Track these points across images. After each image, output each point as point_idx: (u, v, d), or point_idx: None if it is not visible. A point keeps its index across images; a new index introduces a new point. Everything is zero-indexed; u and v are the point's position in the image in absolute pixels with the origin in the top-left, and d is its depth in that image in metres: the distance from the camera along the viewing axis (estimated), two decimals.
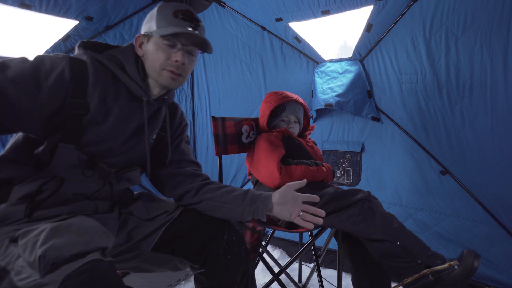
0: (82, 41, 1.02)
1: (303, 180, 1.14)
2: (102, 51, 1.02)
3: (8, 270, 0.76)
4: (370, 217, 1.36)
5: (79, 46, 1.00)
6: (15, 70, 0.82)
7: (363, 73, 2.28)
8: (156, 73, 1.01)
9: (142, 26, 1.06)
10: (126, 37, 2.47)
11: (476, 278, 1.93)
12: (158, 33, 0.97)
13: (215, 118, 1.72)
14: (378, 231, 1.33)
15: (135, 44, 1.04)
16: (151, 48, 1.00)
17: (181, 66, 1.01)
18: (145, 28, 1.03)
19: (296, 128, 1.83)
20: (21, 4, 1.91)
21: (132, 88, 1.00)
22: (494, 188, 1.91)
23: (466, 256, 1.19)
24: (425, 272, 1.18)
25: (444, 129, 2.04)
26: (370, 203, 1.41)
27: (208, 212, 1.11)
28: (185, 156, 1.20)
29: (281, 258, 2.48)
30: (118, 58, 1.01)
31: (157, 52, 0.99)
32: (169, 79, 1.01)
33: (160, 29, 0.98)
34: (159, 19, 0.99)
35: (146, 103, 1.04)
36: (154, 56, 0.99)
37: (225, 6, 2.61)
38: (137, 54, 1.04)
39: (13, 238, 0.79)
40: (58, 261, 0.69)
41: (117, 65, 0.99)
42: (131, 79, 1.00)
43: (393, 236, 1.32)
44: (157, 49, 0.99)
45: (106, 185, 1.01)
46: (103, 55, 0.99)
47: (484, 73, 1.82)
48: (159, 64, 0.99)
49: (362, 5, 2.03)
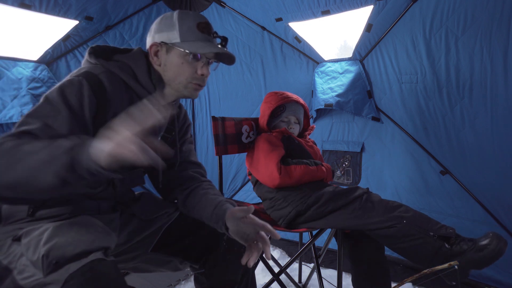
0: (92, 47, 0.99)
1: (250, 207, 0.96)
2: (111, 55, 1.00)
3: (11, 269, 0.76)
4: (370, 208, 1.37)
5: (90, 53, 0.97)
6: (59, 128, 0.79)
7: (363, 73, 2.28)
8: (181, 86, 1.01)
9: (154, 32, 1.01)
10: (126, 37, 2.47)
11: (476, 278, 1.93)
12: (189, 49, 0.96)
13: (215, 118, 1.72)
14: (382, 218, 1.32)
15: (149, 52, 1.01)
16: (174, 61, 0.98)
17: (204, 78, 1.02)
18: (163, 36, 0.99)
19: (296, 128, 1.83)
20: (21, 4, 1.91)
21: (143, 96, 0.98)
22: (494, 188, 1.91)
23: (493, 238, 1.17)
24: (425, 272, 1.18)
25: (444, 129, 2.04)
26: (368, 195, 1.43)
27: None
28: (187, 157, 1.20)
29: (281, 258, 2.48)
30: (129, 66, 0.98)
31: (182, 66, 0.98)
32: (193, 91, 1.02)
33: (187, 42, 0.97)
34: (183, 31, 0.97)
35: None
36: (180, 70, 0.99)
37: (225, 6, 2.61)
38: (149, 61, 1.01)
39: (16, 237, 0.80)
40: (61, 260, 0.69)
41: (129, 74, 0.97)
42: (143, 88, 0.99)
43: (398, 217, 1.30)
44: (183, 63, 0.98)
45: (110, 186, 1.01)
46: (115, 63, 0.97)
47: (484, 73, 1.82)
48: (186, 78, 0.99)
49: (362, 5, 2.03)
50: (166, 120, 1.13)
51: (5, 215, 0.86)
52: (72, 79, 0.86)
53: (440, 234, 1.25)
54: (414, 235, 1.27)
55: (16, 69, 2.04)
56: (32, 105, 2.03)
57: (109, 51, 1.01)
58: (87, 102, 0.84)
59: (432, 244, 1.24)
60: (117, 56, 1.00)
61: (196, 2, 2.65)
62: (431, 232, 1.26)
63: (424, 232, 1.26)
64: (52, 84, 2.15)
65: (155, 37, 1.00)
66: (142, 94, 0.98)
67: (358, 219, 1.37)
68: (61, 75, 2.28)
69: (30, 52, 2.15)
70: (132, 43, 2.48)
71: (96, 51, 0.98)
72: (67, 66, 2.30)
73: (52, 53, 2.21)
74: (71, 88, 0.83)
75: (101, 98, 0.87)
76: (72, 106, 0.82)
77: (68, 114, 0.81)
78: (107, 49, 1.01)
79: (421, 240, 1.26)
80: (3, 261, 0.78)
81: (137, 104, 0.94)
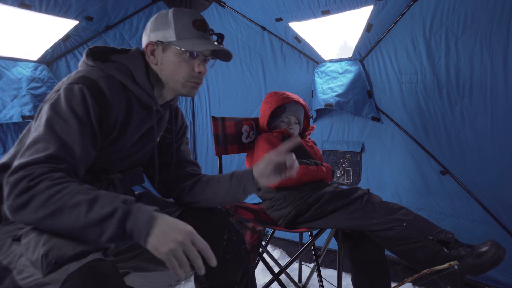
0: (90, 48, 0.98)
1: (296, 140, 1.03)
2: (109, 56, 0.99)
3: (10, 269, 0.76)
4: (371, 209, 1.37)
5: (88, 55, 0.96)
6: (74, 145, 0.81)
7: (363, 73, 2.28)
8: (179, 84, 1.01)
9: (149, 31, 1.01)
10: (126, 37, 2.47)
11: (476, 278, 1.93)
12: (185, 47, 0.95)
13: (215, 118, 1.72)
14: (382, 220, 1.33)
15: (145, 51, 1.00)
16: (171, 59, 0.98)
17: (201, 76, 1.02)
18: (159, 35, 0.98)
19: (296, 129, 1.83)
20: (21, 4, 1.91)
21: (142, 98, 0.98)
22: (494, 188, 1.91)
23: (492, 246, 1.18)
24: (425, 272, 1.18)
25: (444, 129, 2.04)
26: (369, 196, 1.43)
27: (207, 205, 1.12)
28: (185, 157, 1.21)
29: (281, 258, 2.48)
30: (126, 67, 0.98)
31: (179, 64, 0.98)
32: (191, 89, 1.02)
33: (183, 40, 0.96)
34: (178, 29, 0.96)
35: (155, 111, 1.04)
36: (177, 68, 0.98)
37: (225, 6, 2.61)
38: (147, 61, 1.01)
39: (16, 237, 0.80)
40: (61, 260, 0.69)
41: (127, 75, 0.96)
42: (141, 89, 0.98)
43: (399, 220, 1.31)
44: (180, 61, 0.97)
45: (110, 185, 1.01)
46: (113, 65, 0.96)
47: (484, 73, 1.82)
48: (183, 76, 0.99)
49: (362, 5, 2.03)
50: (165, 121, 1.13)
51: (6, 215, 0.86)
52: (73, 88, 0.85)
53: (439, 239, 1.25)
54: (413, 238, 1.27)
55: (16, 69, 2.05)
56: (32, 105, 2.03)
57: (107, 52, 1.00)
58: (92, 111, 0.85)
59: (431, 248, 1.24)
60: (115, 56, 0.99)
61: (196, 2, 2.65)
62: (430, 236, 1.26)
63: (424, 235, 1.26)
64: (52, 84, 2.15)
65: (151, 36, 1.00)
66: (140, 95, 0.98)
67: (358, 220, 1.38)
68: (61, 75, 2.28)
69: (30, 52, 2.15)
70: (132, 43, 2.48)
71: (94, 52, 0.97)
72: (67, 66, 2.30)
73: (52, 53, 2.22)
74: (76, 99, 0.84)
75: (102, 104, 0.88)
76: (81, 117, 0.83)
77: (79, 127, 0.82)
78: (105, 50, 1.01)
79: (420, 244, 1.26)
80: (3, 261, 0.78)
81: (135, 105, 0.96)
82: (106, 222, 0.70)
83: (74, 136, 0.81)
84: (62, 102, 0.83)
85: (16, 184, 0.72)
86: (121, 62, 0.98)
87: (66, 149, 0.79)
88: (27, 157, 0.75)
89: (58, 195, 0.71)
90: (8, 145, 2.04)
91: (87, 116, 0.84)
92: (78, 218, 0.70)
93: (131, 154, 1.04)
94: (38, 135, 0.79)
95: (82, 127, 0.83)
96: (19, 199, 0.71)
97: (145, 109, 1.01)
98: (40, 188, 0.71)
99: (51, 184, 0.72)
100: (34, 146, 0.77)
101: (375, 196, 1.45)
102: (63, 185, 0.73)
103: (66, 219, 0.70)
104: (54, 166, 0.76)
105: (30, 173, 0.72)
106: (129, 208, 0.73)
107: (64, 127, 0.81)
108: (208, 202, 1.11)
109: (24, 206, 0.71)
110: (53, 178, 0.73)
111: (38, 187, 0.71)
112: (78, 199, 0.71)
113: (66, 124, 0.81)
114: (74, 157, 0.81)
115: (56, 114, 0.82)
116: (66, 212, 0.70)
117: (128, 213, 0.72)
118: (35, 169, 0.73)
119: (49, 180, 0.72)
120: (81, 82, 0.86)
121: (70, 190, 0.72)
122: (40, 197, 0.71)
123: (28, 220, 0.72)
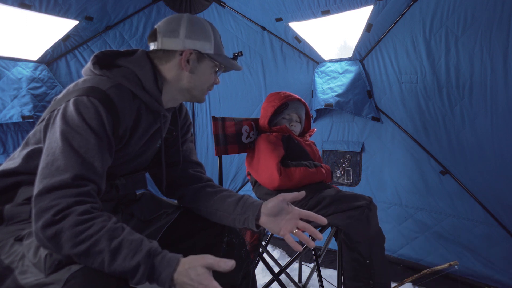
0: (96, 55, 0.95)
1: (301, 192, 0.99)
2: (114, 60, 0.97)
3: (12, 269, 0.76)
4: (364, 225, 1.45)
5: (94, 63, 0.94)
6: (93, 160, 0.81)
7: (363, 73, 2.28)
8: (201, 92, 1.06)
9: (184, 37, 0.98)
10: (126, 37, 2.47)
11: (476, 278, 1.93)
12: (224, 63, 1.04)
13: (215, 118, 1.72)
14: (364, 241, 1.43)
15: (182, 57, 0.98)
16: (204, 70, 1.03)
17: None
18: (197, 45, 0.99)
19: (297, 127, 1.84)
20: (21, 4, 1.91)
21: (150, 104, 0.97)
22: (494, 188, 1.91)
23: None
24: (425, 272, 1.18)
25: (444, 129, 2.04)
26: (370, 212, 1.48)
27: (204, 216, 1.11)
28: (188, 157, 1.20)
29: (281, 258, 2.48)
30: (134, 73, 0.95)
31: (210, 75, 1.05)
32: (204, 96, 1.09)
33: (220, 56, 1.04)
34: (216, 43, 1.03)
35: (162, 116, 1.04)
36: (207, 79, 1.05)
37: (225, 6, 2.61)
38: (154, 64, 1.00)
39: (19, 237, 0.80)
40: (64, 260, 0.70)
41: (135, 83, 0.95)
42: (150, 96, 0.97)
43: (370, 253, 1.43)
44: (211, 73, 1.05)
45: (113, 189, 1.00)
46: (120, 72, 0.94)
47: (484, 73, 1.82)
48: (207, 86, 1.06)
49: (362, 5, 2.03)
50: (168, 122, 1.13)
51: (8, 215, 0.86)
52: (84, 101, 0.83)
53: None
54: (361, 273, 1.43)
55: (16, 69, 2.05)
56: (32, 105, 2.03)
57: (113, 56, 0.98)
58: (106, 123, 0.84)
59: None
60: (121, 60, 0.97)
61: (196, 2, 2.65)
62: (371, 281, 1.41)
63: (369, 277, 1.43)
64: (52, 84, 2.15)
65: (187, 42, 0.98)
66: (149, 102, 0.97)
67: (349, 228, 1.47)
68: (61, 75, 2.28)
69: (30, 52, 2.15)
70: (132, 43, 2.48)
71: (100, 59, 0.95)
72: (67, 66, 2.30)
73: (52, 53, 2.22)
74: (89, 112, 0.82)
75: (114, 116, 0.87)
76: (97, 131, 0.82)
77: (96, 141, 0.82)
78: (111, 55, 0.98)
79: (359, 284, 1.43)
80: (5, 261, 0.78)
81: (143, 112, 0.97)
82: (130, 274, 0.71)
83: (94, 151, 0.80)
84: (74, 116, 0.81)
85: (42, 213, 0.71)
86: (128, 67, 0.95)
87: (88, 166, 0.79)
88: (51, 177, 0.74)
89: (83, 236, 0.70)
90: (8, 145, 2.04)
91: (103, 129, 0.83)
92: (102, 266, 0.70)
93: (136, 157, 1.04)
94: (56, 151, 0.78)
95: (99, 141, 0.82)
96: (45, 231, 0.70)
97: (152, 114, 1.01)
98: (65, 225, 0.70)
99: (76, 221, 0.71)
100: (54, 164, 0.76)
101: (374, 215, 1.52)
102: (88, 224, 0.72)
103: (90, 263, 0.71)
104: (80, 192, 0.75)
105: (56, 204, 0.72)
106: (152, 263, 0.73)
107: (82, 142, 0.79)
108: (207, 215, 1.09)
109: (49, 239, 0.70)
110: (78, 212, 0.72)
111: (63, 223, 0.70)
112: (102, 246, 0.71)
113: (83, 139, 0.80)
114: (96, 173, 0.80)
115: (71, 128, 0.80)
116: (91, 257, 0.70)
117: (151, 269, 0.73)
118: (61, 200, 0.72)
119: (74, 215, 0.72)
120: (92, 94, 0.84)
121: (95, 231, 0.72)
122: (64, 235, 0.70)
123: (54, 251, 0.72)
